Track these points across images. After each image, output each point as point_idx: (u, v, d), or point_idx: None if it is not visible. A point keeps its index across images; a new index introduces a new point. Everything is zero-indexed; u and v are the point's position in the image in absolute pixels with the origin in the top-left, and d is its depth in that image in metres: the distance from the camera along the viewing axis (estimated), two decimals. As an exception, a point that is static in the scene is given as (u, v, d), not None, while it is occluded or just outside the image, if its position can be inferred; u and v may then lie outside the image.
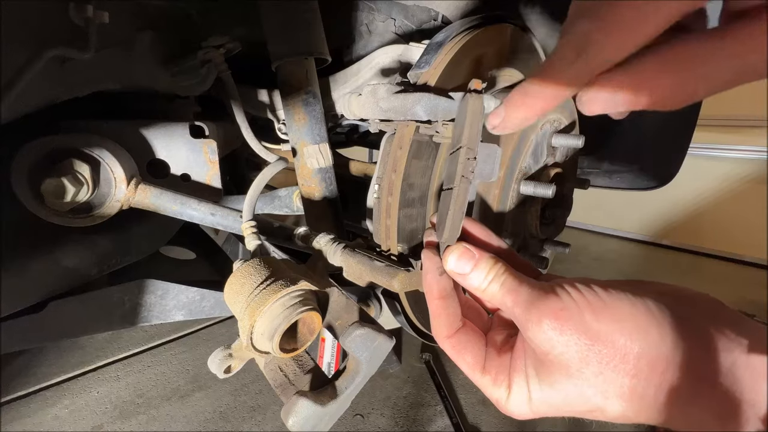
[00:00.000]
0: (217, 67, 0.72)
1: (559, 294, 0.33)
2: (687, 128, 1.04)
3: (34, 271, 0.64)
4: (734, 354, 0.29)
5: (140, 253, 0.81)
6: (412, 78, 0.66)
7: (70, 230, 0.65)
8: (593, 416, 0.33)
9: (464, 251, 0.39)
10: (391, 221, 0.66)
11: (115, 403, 1.54)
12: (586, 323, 0.31)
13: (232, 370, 0.47)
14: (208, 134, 0.78)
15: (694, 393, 0.29)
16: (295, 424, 0.40)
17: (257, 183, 0.63)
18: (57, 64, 0.54)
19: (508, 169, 0.68)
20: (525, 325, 0.34)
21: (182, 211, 0.65)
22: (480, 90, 0.42)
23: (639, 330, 0.30)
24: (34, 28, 0.50)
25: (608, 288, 0.33)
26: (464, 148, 0.41)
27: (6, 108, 0.49)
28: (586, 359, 0.31)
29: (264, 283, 0.44)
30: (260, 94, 0.86)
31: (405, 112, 0.62)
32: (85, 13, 0.52)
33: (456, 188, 0.40)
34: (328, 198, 0.77)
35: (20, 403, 1.52)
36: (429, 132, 0.63)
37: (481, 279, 0.38)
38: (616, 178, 1.18)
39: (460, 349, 0.39)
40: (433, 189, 0.71)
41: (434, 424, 1.47)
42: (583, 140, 0.73)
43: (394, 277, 0.52)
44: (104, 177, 0.61)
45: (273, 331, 0.42)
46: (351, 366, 0.44)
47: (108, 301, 0.71)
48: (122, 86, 0.67)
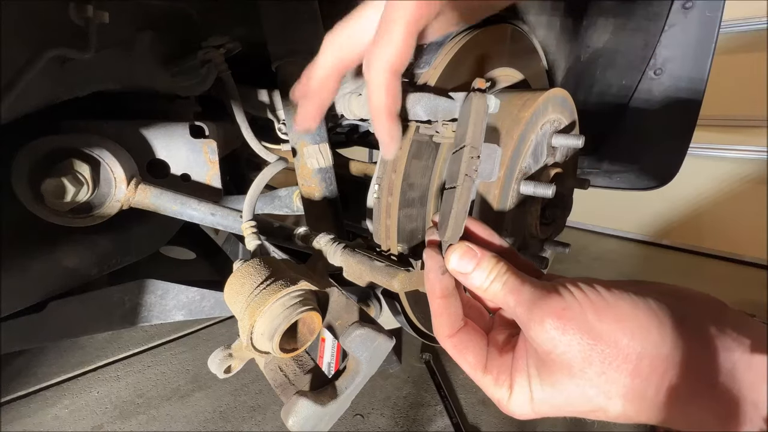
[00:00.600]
0: (217, 67, 0.72)
1: (562, 293, 0.33)
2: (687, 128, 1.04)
3: (35, 271, 0.64)
4: (735, 354, 0.29)
5: (140, 253, 0.81)
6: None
7: (71, 230, 0.65)
8: (595, 416, 0.33)
9: (467, 250, 0.39)
10: (391, 221, 0.66)
11: (115, 403, 1.54)
12: (588, 323, 0.31)
13: (232, 370, 0.47)
14: (208, 134, 0.78)
15: (695, 393, 0.29)
16: (295, 424, 0.40)
17: (257, 183, 0.63)
18: (57, 64, 0.54)
19: (508, 169, 0.68)
20: (527, 324, 0.34)
21: (182, 211, 0.65)
22: (484, 89, 0.42)
23: (641, 330, 0.30)
24: (34, 28, 0.50)
25: (611, 288, 0.33)
26: (468, 147, 0.40)
27: (6, 108, 0.49)
28: (589, 359, 0.31)
29: (264, 283, 0.44)
30: (260, 94, 0.86)
31: (405, 112, 0.62)
32: (85, 13, 0.52)
33: (459, 187, 0.40)
34: (328, 198, 0.77)
35: (20, 403, 1.52)
36: (429, 132, 0.63)
37: (484, 278, 0.38)
38: (616, 178, 1.18)
39: (462, 349, 0.39)
40: (433, 189, 0.71)
41: (434, 424, 1.47)
42: (583, 140, 0.73)
43: (394, 277, 0.52)
44: (104, 177, 0.61)
45: (273, 331, 0.42)
46: (351, 366, 0.44)
47: (108, 301, 0.71)
48: (122, 86, 0.67)
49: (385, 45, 0.39)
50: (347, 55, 0.45)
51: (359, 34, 0.44)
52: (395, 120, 0.45)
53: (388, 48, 0.39)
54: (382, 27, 0.39)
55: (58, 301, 0.67)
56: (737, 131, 2.60)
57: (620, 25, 0.99)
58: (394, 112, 0.44)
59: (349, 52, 0.45)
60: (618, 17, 0.98)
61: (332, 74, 0.46)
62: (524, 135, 0.69)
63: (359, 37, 0.44)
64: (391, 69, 0.41)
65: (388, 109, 0.43)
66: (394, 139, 0.46)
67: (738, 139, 2.60)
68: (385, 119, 0.44)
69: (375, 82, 0.42)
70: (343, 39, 0.45)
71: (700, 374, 0.29)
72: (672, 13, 0.95)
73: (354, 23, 0.44)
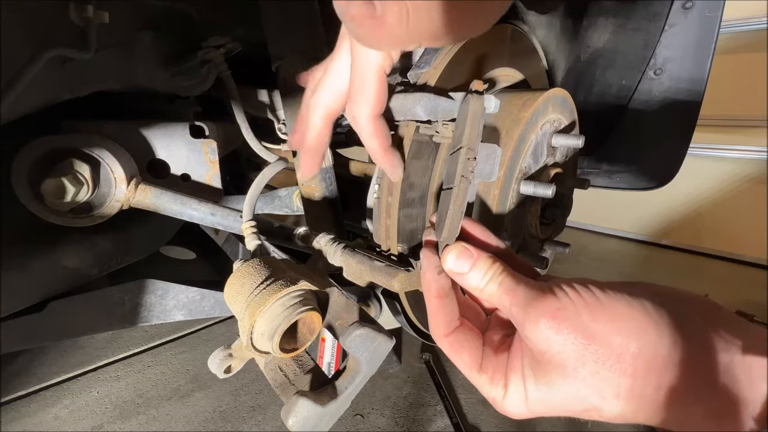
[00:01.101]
0: (217, 67, 0.72)
1: (557, 294, 0.33)
2: (687, 128, 1.04)
3: (35, 270, 0.64)
4: (731, 354, 0.29)
5: (140, 253, 0.81)
6: (412, 78, 0.66)
7: (71, 230, 0.65)
8: (589, 416, 0.33)
9: (463, 250, 0.39)
10: (391, 221, 0.66)
11: (115, 403, 1.54)
12: (583, 323, 0.31)
13: (232, 370, 0.47)
14: (208, 134, 0.78)
15: (694, 393, 0.29)
16: (295, 424, 0.40)
17: (257, 183, 0.63)
18: (57, 64, 0.54)
19: (508, 169, 0.68)
20: (522, 324, 0.34)
21: (182, 211, 0.65)
22: (481, 91, 0.42)
23: (636, 330, 0.30)
24: (34, 28, 0.50)
25: (606, 288, 0.33)
26: (464, 148, 0.41)
27: (6, 108, 0.49)
28: (583, 358, 0.31)
29: (264, 283, 0.44)
30: (260, 94, 0.86)
31: (405, 112, 0.62)
32: (85, 13, 0.52)
33: (456, 188, 0.40)
34: (328, 198, 0.77)
35: (20, 403, 1.52)
36: (429, 132, 0.63)
37: (479, 278, 0.38)
38: (616, 178, 1.18)
39: (457, 348, 0.40)
40: (433, 189, 0.71)
41: (434, 424, 1.47)
42: (583, 140, 0.73)
43: (394, 277, 0.52)
44: (104, 177, 0.61)
45: (273, 331, 0.42)
46: (351, 366, 0.44)
47: (108, 301, 0.71)
48: (122, 86, 0.67)
49: (362, 99, 0.44)
50: (334, 109, 0.50)
51: (340, 86, 0.47)
52: (391, 151, 0.52)
53: (366, 100, 0.44)
54: (356, 81, 0.44)
55: (58, 301, 0.68)
56: (737, 131, 2.60)
57: (620, 25, 0.99)
58: (388, 146, 0.50)
59: (335, 105, 0.49)
60: (618, 17, 0.98)
61: (324, 130, 0.51)
62: (524, 135, 0.69)
63: (341, 89, 0.48)
64: (373, 116, 0.46)
65: (383, 147, 0.50)
66: (395, 166, 0.55)
67: (738, 139, 2.60)
68: (382, 155, 0.51)
69: (365, 131, 0.47)
70: (327, 97, 0.49)
71: (700, 374, 0.29)
72: (672, 13, 0.95)
73: (333, 77, 0.48)
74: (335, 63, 0.47)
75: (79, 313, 0.69)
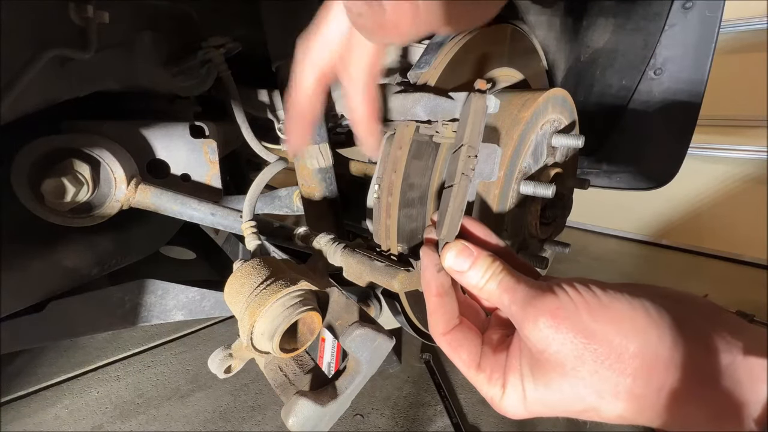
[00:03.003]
0: (217, 67, 0.72)
1: (557, 293, 0.33)
2: (687, 128, 1.04)
3: (35, 270, 0.64)
4: (732, 355, 0.29)
5: (140, 253, 0.81)
6: (412, 78, 0.66)
7: (71, 230, 0.65)
8: (588, 416, 0.33)
9: (462, 248, 0.39)
10: (391, 221, 0.66)
11: (115, 403, 1.54)
12: (582, 322, 0.31)
13: (232, 370, 0.47)
14: (208, 134, 0.78)
15: (695, 394, 0.29)
16: (295, 424, 0.40)
17: (257, 183, 0.63)
18: (57, 64, 0.54)
19: (508, 169, 0.68)
20: (521, 323, 0.34)
21: (182, 211, 0.65)
22: (484, 90, 0.42)
23: (636, 330, 0.30)
24: (34, 28, 0.50)
25: (606, 288, 0.33)
26: (465, 146, 0.41)
27: (6, 108, 0.49)
28: (582, 358, 0.31)
29: (264, 283, 0.44)
30: (260, 94, 0.86)
31: (405, 112, 0.62)
32: (85, 13, 0.52)
33: (456, 186, 0.40)
34: (328, 198, 0.77)
35: (20, 403, 1.52)
36: (429, 132, 0.63)
37: (479, 276, 0.38)
38: (615, 178, 1.18)
39: (456, 346, 0.40)
40: (433, 189, 0.71)
41: (434, 424, 1.47)
42: (583, 140, 0.73)
43: (394, 277, 0.52)
44: (104, 177, 0.61)
45: (273, 331, 0.42)
46: (351, 366, 0.44)
47: (108, 301, 0.71)
48: (122, 86, 0.67)
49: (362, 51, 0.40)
50: (327, 69, 0.45)
51: (332, 45, 0.43)
52: (375, 122, 0.46)
53: (364, 53, 0.40)
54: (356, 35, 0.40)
55: (58, 301, 0.68)
56: (737, 131, 2.60)
57: (620, 25, 0.99)
58: (375, 114, 0.45)
59: (327, 65, 0.44)
60: (618, 17, 0.98)
61: (316, 91, 0.46)
62: (524, 135, 0.69)
63: (333, 47, 0.43)
64: (370, 73, 0.42)
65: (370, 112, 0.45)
66: (375, 136, 0.47)
67: (738, 139, 2.60)
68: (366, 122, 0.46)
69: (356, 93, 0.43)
70: (318, 54, 0.44)
71: (702, 376, 0.29)
72: (672, 13, 0.95)
73: (324, 32, 0.43)
74: (328, 15, 0.43)
75: (79, 313, 0.69)
